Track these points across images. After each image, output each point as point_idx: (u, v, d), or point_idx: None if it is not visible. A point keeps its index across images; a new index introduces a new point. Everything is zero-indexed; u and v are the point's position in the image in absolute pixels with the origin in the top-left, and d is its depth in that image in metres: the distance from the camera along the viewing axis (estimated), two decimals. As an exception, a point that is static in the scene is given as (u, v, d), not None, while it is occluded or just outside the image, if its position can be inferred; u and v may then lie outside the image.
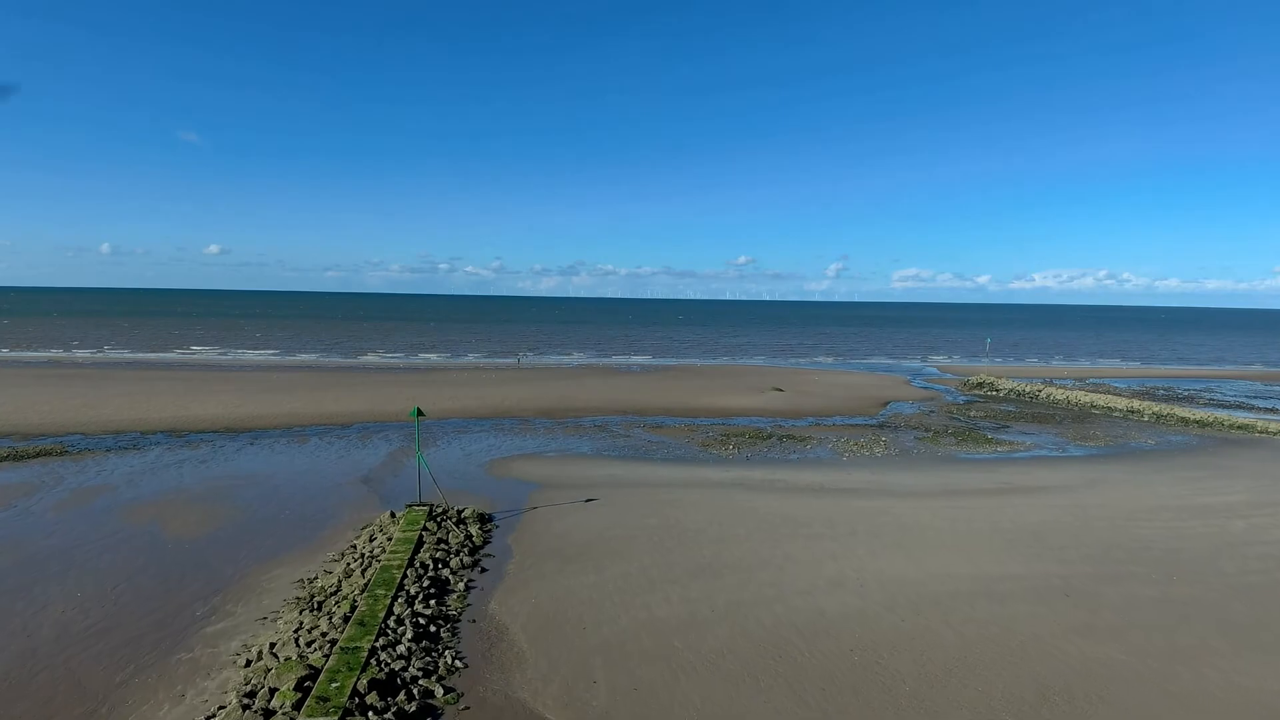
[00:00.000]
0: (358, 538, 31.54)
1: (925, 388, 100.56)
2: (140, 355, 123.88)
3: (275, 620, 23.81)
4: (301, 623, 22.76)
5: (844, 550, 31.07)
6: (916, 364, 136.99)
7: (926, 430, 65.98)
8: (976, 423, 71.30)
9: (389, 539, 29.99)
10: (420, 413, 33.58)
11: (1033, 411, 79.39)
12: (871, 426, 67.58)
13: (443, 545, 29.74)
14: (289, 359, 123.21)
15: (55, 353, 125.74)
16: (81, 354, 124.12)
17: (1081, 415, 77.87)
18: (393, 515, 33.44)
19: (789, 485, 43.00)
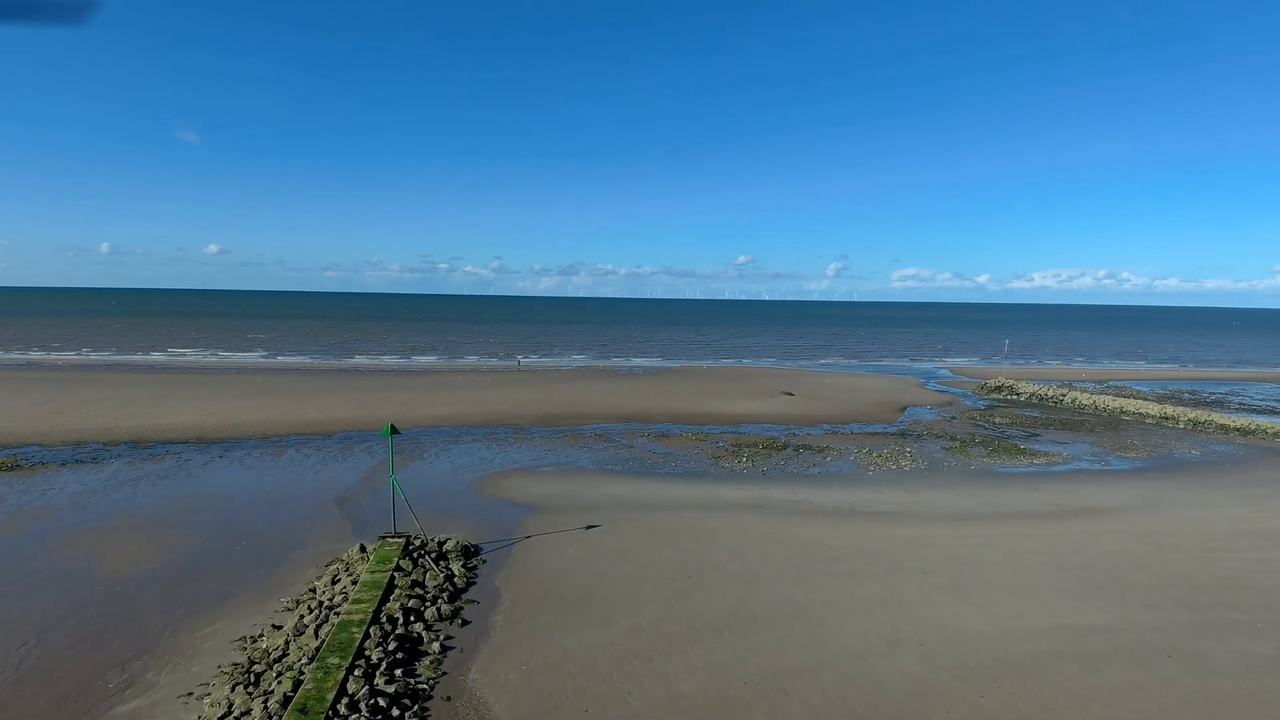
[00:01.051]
0: (319, 578, 26.86)
1: (941, 391, 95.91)
2: (123, 357, 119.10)
3: (202, 698, 19.14)
4: (231, 704, 18.12)
5: (892, 593, 26.39)
6: (928, 366, 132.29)
7: (952, 439, 61.33)
8: (1004, 430, 66.63)
9: (354, 581, 25.32)
10: (394, 430, 28.93)
11: (1060, 418, 74.73)
12: (892, 435, 62.91)
13: (418, 589, 25.05)
14: (278, 361, 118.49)
15: (36, 354, 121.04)
16: (63, 356, 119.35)
17: (1112, 422, 73.23)
18: (363, 550, 28.75)
19: (814, 507, 38.29)
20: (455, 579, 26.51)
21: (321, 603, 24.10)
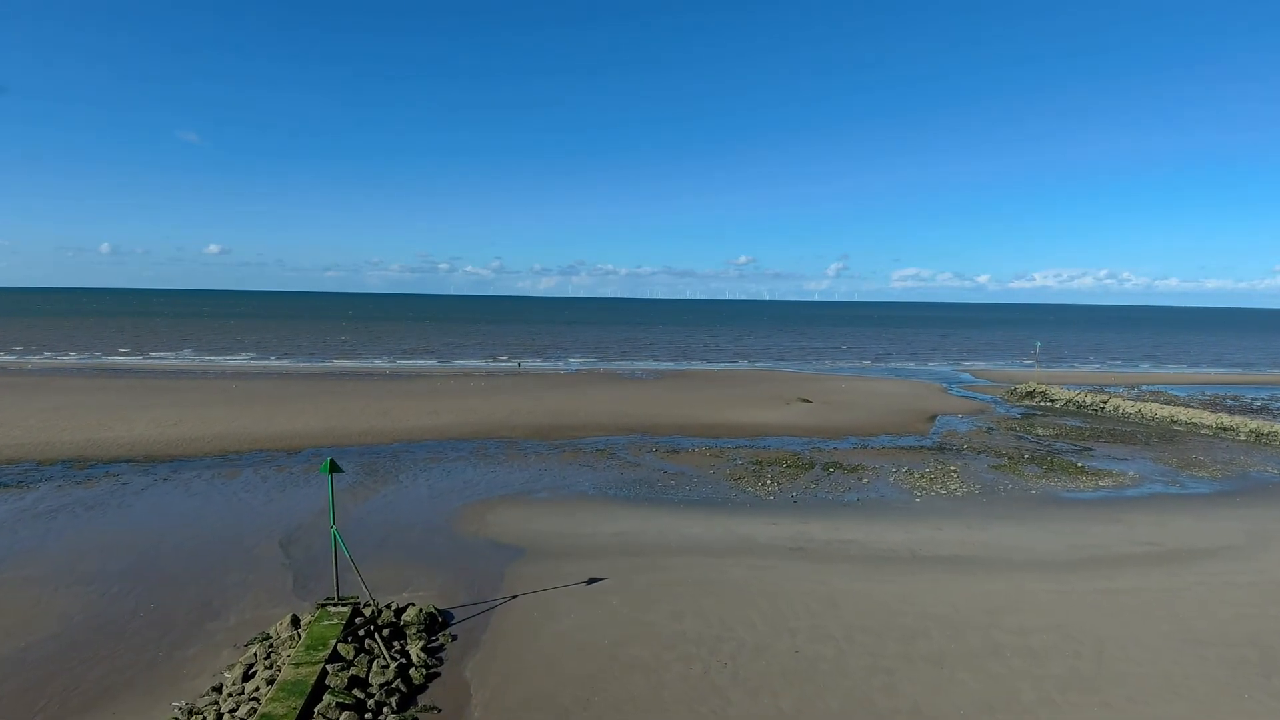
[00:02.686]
0: (232, 667, 20.13)
1: (968, 398, 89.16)
2: (97, 361, 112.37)
3: None
4: None
5: (999, 694, 19.63)
6: (946, 369, 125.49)
7: (997, 455, 54.59)
8: (1050, 444, 59.89)
9: (270, 679, 18.58)
10: (334, 467, 22.18)
11: (1106, 428, 67.97)
12: (929, 450, 56.15)
13: (356, 692, 18.33)
14: (263, 365, 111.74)
15: (3, 358, 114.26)
16: (34, 359, 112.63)
17: (1165, 433, 66.47)
18: (295, 624, 22.00)
19: (865, 549, 31.50)
20: (412, 669, 19.79)
21: (222, 714, 17.37)
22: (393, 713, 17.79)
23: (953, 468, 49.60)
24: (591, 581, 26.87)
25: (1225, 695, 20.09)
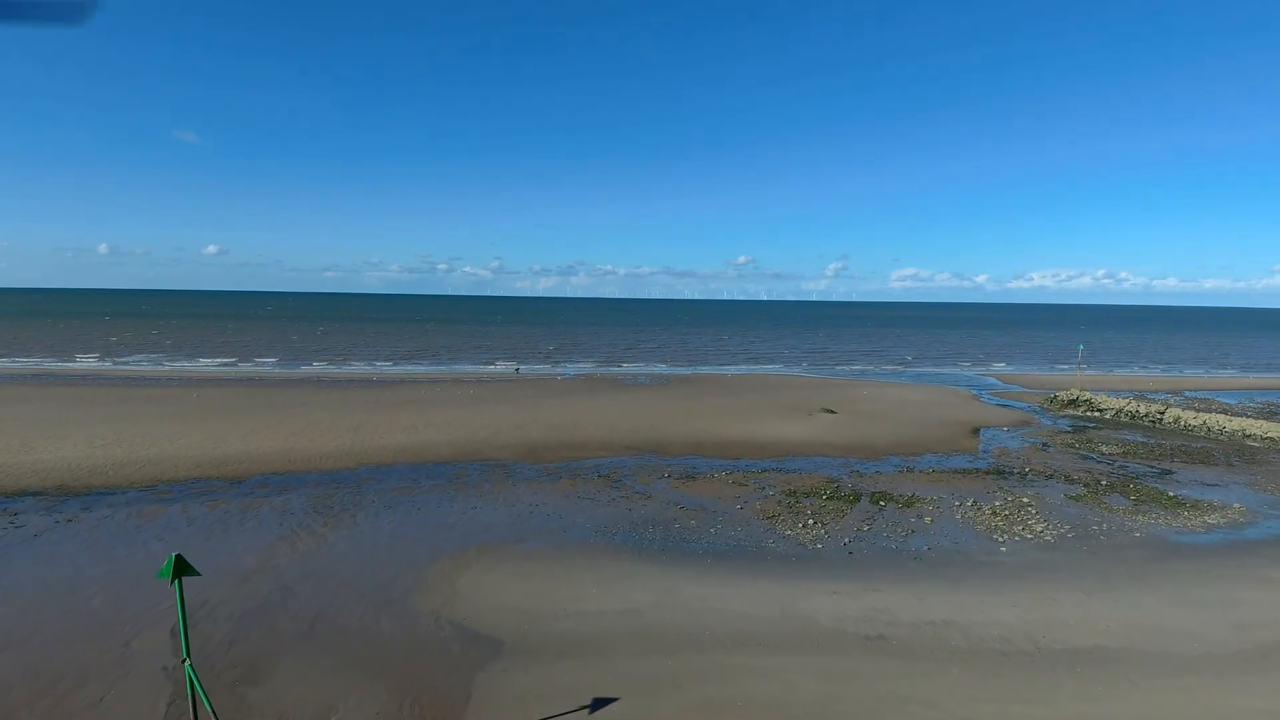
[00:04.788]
0: None
1: (1004, 405, 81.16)
2: (53, 365, 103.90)
3: None
4: None
5: None
6: (969, 372, 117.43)
7: (1069, 480, 46.55)
8: (1121, 465, 51.85)
9: None
10: (183, 567, 13.95)
11: (1174, 445, 59.92)
12: (986, 474, 48.08)
13: None
14: (238, 370, 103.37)
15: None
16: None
17: (1240, 450, 58.46)
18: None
19: (970, 639, 23.24)
20: None
21: None
22: None
23: (1025, 499, 41.49)
24: (595, 707, 18.60)
25: None
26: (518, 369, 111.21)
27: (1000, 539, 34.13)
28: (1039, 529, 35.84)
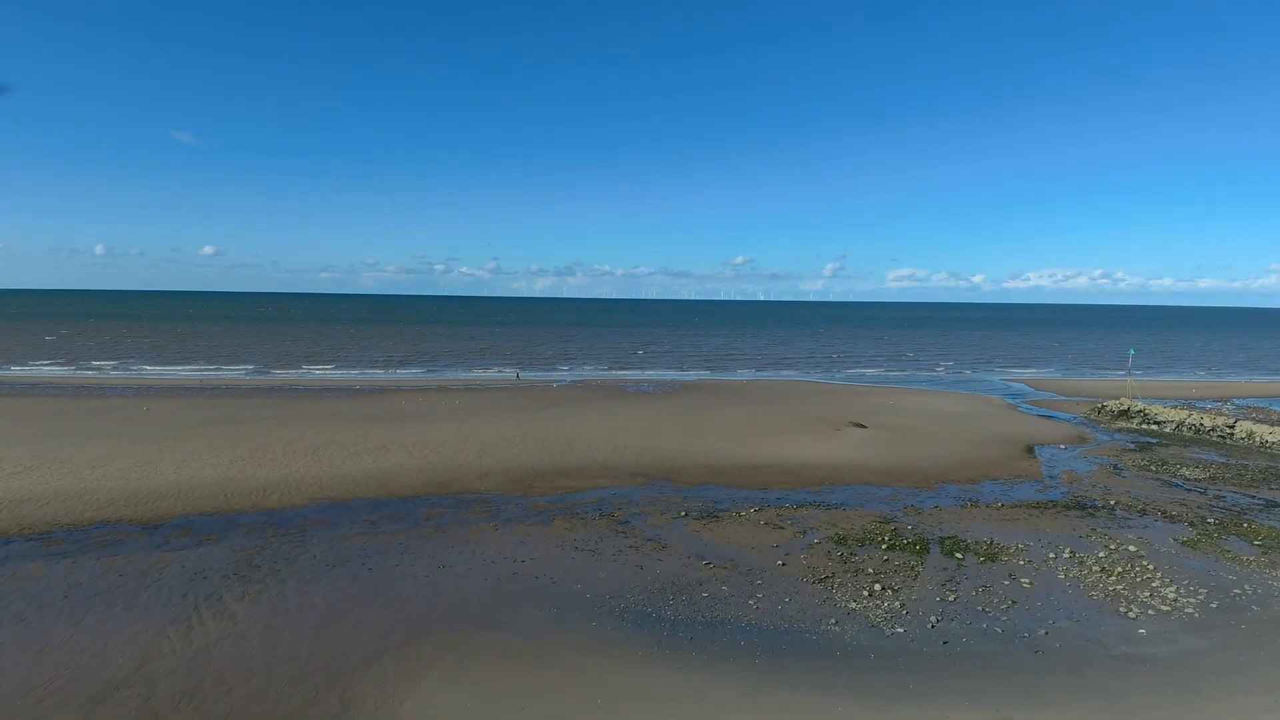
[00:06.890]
0: None
1: (1047, 417, 73.08)
2: (4, 373, 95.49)
3: None
4: None
5: None
6: (995, 378, 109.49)
7: (1166, 517, 38.61)
8: (1214, 493, 43.97)
9: None
10: None
11: (1261, 465, 52.09)
12: (1065, 509, 40.03)
13: None
14: (209, 377, 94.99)
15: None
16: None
17: (1342, 472, 50.38)
18: None
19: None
20: None
21: None
22: None
23: (1131, 546, 33.40)
24: None
25: None
26: (517, 374, 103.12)
27: (1130, 613, 26.01)
28: (1171, 595, 27.72)
